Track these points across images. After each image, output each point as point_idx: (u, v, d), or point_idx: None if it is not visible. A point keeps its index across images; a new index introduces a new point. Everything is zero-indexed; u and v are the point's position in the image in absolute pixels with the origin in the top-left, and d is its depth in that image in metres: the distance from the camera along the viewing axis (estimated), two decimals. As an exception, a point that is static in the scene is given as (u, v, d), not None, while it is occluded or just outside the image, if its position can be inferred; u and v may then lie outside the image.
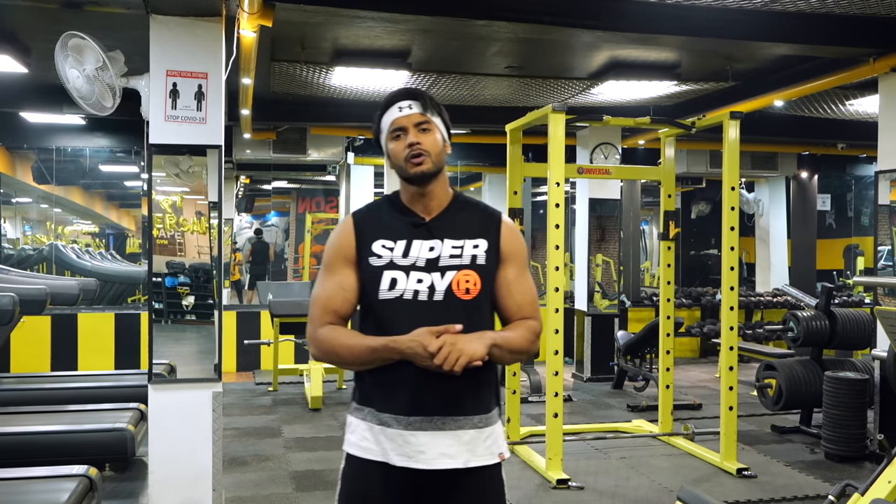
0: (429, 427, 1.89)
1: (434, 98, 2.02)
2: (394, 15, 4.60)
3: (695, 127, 5.52)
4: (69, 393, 5.51)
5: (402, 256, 1.93)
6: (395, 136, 1.97)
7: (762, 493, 4.70)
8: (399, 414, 1.90)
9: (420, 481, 1.90)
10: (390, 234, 1.96)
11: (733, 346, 5.11)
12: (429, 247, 1.94)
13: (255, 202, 15.93)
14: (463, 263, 1.93)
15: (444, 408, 1.89)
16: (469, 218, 2.01)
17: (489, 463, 1.95)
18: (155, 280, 4.22)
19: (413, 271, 1.92)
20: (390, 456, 1.90)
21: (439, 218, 1.99)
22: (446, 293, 1.91)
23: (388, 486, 1.92)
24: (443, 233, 1.96)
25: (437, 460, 1.88)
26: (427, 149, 1.95)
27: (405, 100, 1.97)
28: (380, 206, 2.06)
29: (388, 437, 1.90)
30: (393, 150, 1.97)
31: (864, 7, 4.83)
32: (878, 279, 5.97)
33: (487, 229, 2.00)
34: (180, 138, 3.99)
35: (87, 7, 4.38)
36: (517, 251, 2.03)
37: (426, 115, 1.97)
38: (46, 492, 3.18)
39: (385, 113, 1.99)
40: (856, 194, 13.83)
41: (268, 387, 7.92)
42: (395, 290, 1.91)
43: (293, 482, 4.90)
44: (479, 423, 1.94)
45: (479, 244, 1.97)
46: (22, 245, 13.28)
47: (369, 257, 1.95)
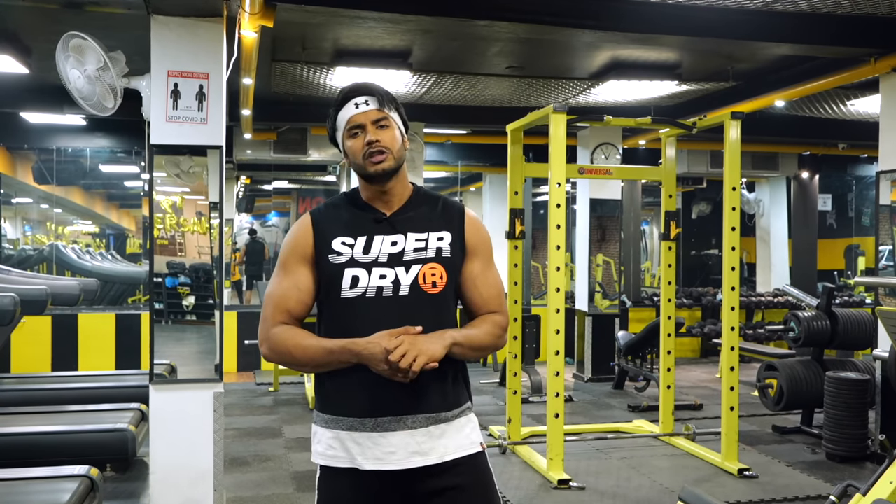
0: (397, 427, 1.84)
1: (389, 92, 1.96)
2: (395, 15, 4.60)
3: (696, 127, 5.52)
4: (70, 393, 5.51)
5: (363, 253, 1.88)
6: (353, 133, 1.91)
7: (763, 493, 4.69)
8: (365, 416, 1.84)
9: (395, 483, 1.85)
10: (350, 231, 1.91)
11: (734, 346, 5.11)
12: (391, 241, 1.90)
13: (255, 202, 15.91)
14: (428, 257, 1.89)
15: (411, 406, 1.84)
16: (431, 210, 1.97)
17: (469, 453, 1.90)
18: (156, 280, 4.22)
19: (375, 267, 1.87)
20: (359, 461, 1.84)
21: (401, 212, 1.94)
22: (412, 287, 1.86)
23: (362, 492, 1.86)
24: (405, 226, 1.92)
25: (408, 459, 1.83)
26: (387, 145, 1.89)
27: (361, 95, 1.91)
28: (339, 202, 2.00)
29: (356, 442, 1.85)
30: (351, 147, 1.92)
31: (866, 7, 4.82)
32: (879, 279, 5.97)
33: (451, 221, 1.96)
34: (181, 138, 3.99)
35: (89, 7, 4.38)
36: (482, 244, 1.99)
37: (384, 111, 1.91)
38: (48, 492, 3.18)
39: (341, 109, 1.93)
40: (857, 194, 13.82)
41: (268, 387, 7.92)
42: (358, 288, 1.86)
43: (294, 482, 4.90)
44: (451, 417, 1.89)
45: (444, 236, 1.92)
46: (22, 245, 13.27)
47: (329, 255, 1.89)
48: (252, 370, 8.79)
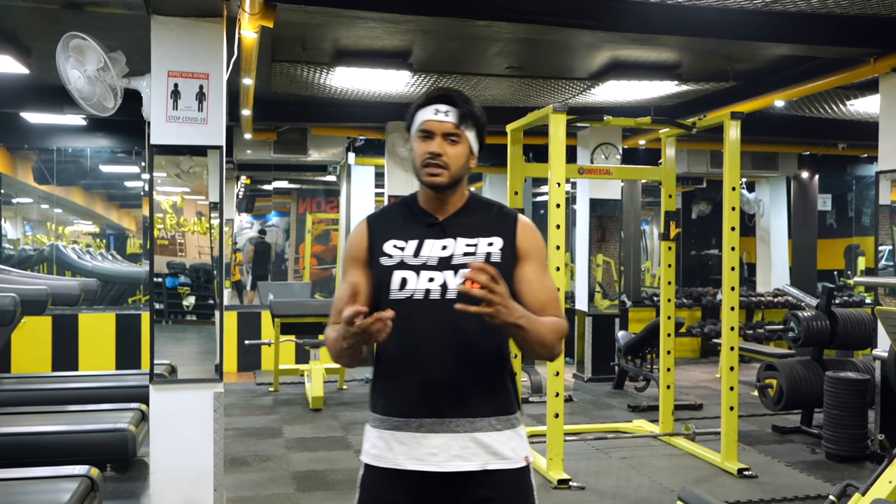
0: (440, 429, 1.84)
1: (474, 109, 1.95)
2: (394, 15, 4.60)
3: (695, 127, 5.52)
4: (70, 393, 5.52)
5: (413, 256, 1.90)
6: (423, 136, 1.93)
7: (763, 493, 4.70)
8: (409, 417, 1.86)
9: (435, 486, 1.85)
10: (402, 234, 1.94)
11: (734, 346, 5.11)
12: (441, 245, 1.91)
13: (255, 202, 15.93)
14: (477, 261, 1.89)
15: (456, 408, 1.85)
16: (484, 217, 1.97)
17: (512, 467, 1.89)
18: (156, 280, 4.22)
19: (424, 270, 1.88)
20: (401, 461, 1.86)
21: (454, 217, 1.95)
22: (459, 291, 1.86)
23: (403, 492, 1.87)
24: (456, 231, 1.93)
25: (450, 462, 1.83)
26: (447, 161, 1.90)
27: (443, 104, 1.92)
28: (395, 207, 2.04)
29: (400, 441, 1.87)
30: (416, 148, 1.94)
31: (865, 7, 4.83)
32: (879, 279, 5.97)
33: (503, 227, 1.95)
34: (181, 139, 3.99)
35: (89, 8, 4.38)
36: (535, 249, 1.97)
37: (459, 128, 1.91)
38: (48, 492, 3.18)
39: (422, 109, 1.94)
40: (856, 194, 13.82)
41: (269, 387, 7.93)
42: (406, 290, 1.88)
43: (294, 482, 4.90)
44: (498, 426, 1.88)
45: (494, 242, 1.92)
46: (23, 245, 13.28)
47: (380, 257, 1.92)
48: (252, 370, 8.79)
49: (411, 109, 1.98)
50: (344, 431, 6.21)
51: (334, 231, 14.56)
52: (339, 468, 5.19)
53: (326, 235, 15.59)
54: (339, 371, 7.95)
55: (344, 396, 7.65)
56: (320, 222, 15.80)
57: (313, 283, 13.66)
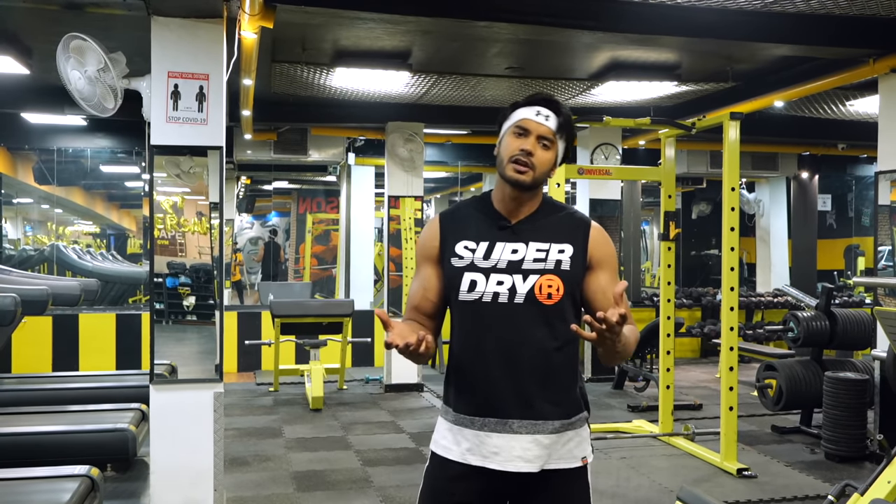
0: (502, 429, 1.88)
1: (571, 120, 1.98)
2: (394, 16, 4.61)
3: (695, 128, 5.52)
4: (71, 393, 5.52)
5: (483, 258, 1.92)
6: (517, 133, 1.94)
7: (762, 493, 4.70)
8: (474, 415, 1.91)
9: (499, 482, 1.90)
10: (474, 236, 1.95)
11: (733, 346, 5.12)
12: (512, 249, 1.92)
13: (255, 203, 15.92)
14: (547, 268, 1.90)
15: (518, 410, 1.88)
16: (557, 222, 1.98)
17: (569, 467, 1.92)
18: (156, 280, 4.23)
19: (494, 273, 1.90)
20: (467, 456, 1.91)
21: (526, 221, 1.96)
22: (528, 297, 1.88)
23: (467, 486, 1.92)
24: (528, 236, 1.94)
25: (511, 462, 1.88)
26: (536, 163, 1.91)
27: (548, 109, 1.93)
28: (468, 206, 2.05)
29: (465, 438, 1.92)
30: (507, 143, 1.95)
31: (864, 8, 4.83)
32: (878, 280, 5.98)
33: (574, 234, 1.96)
34: (181, 139, 4.00)
35: (89, 9, 4.39)
36: (608, 257, 1.99)
37: (554, 136, 1.93)
38: (48, 492, 3.19)
39: (522, 107, 1.95)
40: (856, 194, 13.82)
41: (269, 387, 7.93)
42: (475, 293, 1.90)
43: (294, 482, 4.91)
44: (561, 428, 1.91)
45: (566, 249, 1.93)
46: (23, 246, 13.28)
47: (451, 258, 1.95)
48: (252, 370, 8.80)
49: (508, 107, 2.00)
50: (344, 431, 6.22)
51: (334, 231, 14.55)
52: (339, 468, 5.20)
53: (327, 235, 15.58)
54: (339, 371, 7.96)
55: (344, 396, 7.65)
56: (320, 222, 15.79)
57: (313, 284, 13.67)
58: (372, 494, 4.68)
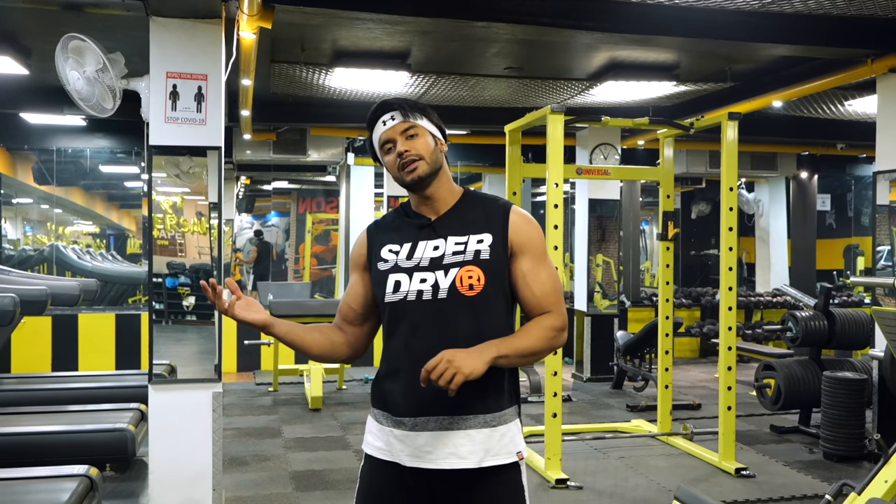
0: (435, 427, 1.88)
1: (415, 101, 2.00)
2: (393, 17, 4.61)
3: (693, 128, 5.52)
4: (70, 393, 5.52)
5: (406, 259, 1.94)
6: (387, 150, 1.97)
7: (760, 492, 4.71)
8: (405, 415, 1.91)
9: (433, 482, 1.90)
10: (397, 239, 1.98)
11: (732, 346, 5.12)
12: (434, 246, 1.93)
13: (255, 203, 15.94)
14: (466, 259, 1.91)
15: (450, 407, 1.87)
16: (476, 213, 1.98)
17: (505, 462, 1.92)
18: (155, 280, 4.24)
19: (417, 272, 1.92)
20: (400, 456, 1.91)
21: (445, 216, 1.98)
22: (450, 290, 1.89)
23: (401, 486, 1.92)
24: (447, 231, 1.95)
25: (445, 460, 1.88)
26: (418, 153, 1.94)
27: (385, 113, 1.97)
28: (393, 213, 2.09)
29: (398, 438, 1.92)
30: (388, 162, 1.98)
31: (862, 8, 4.84)
32: (876, 279, 5.99)
33: (492, 222, 1.96)
34: (180, 139, 4.00)
35: (88, 9, 4.40)
36: (530, 241, 1.96)
37: (409, 121, 1.95)
38: (47, 492, 3.19)
39: (372, 131, 1.99)
40: (855, 194, 13.83)
41: (268, 387, 7.94)
42: (400, 293, 1.92)
43: (293, 482, 4.91)
44: (492, 422, 1.91)
45: (484, 238, 1.93)
46: (23, 246, 13.29)
47: (377, 263, 1.98)
48: (251, 370, 8.81)
49: (367, 140, 2.05)
50: (343, 431, 6.22)
51: (334, 231, 14.56)
52: (338, 468, 5.20)
53: (326, 235, 15.60)
54: (339, 371, 7.96)
55: (343, 396, 7.66)
56: (320, 222, 15.81)
57: (313, 284, 13.68)
58: (371, 494, 4.67)
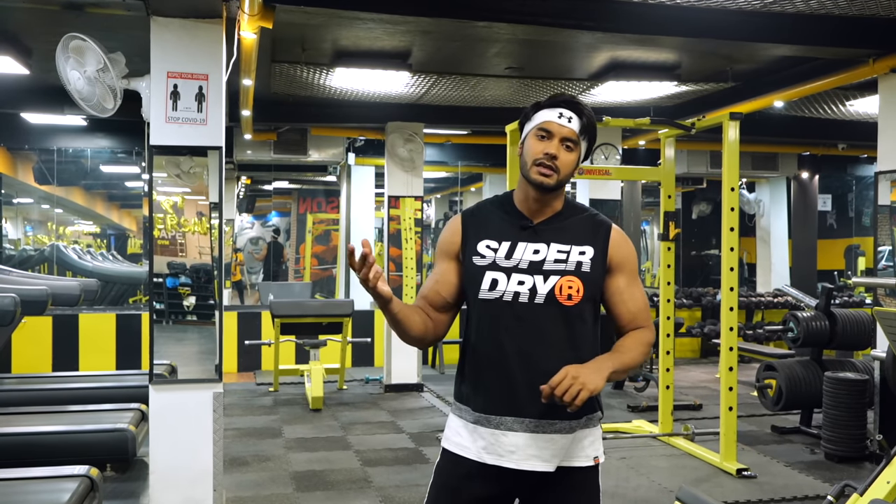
0: (520, 428, 1.89)
1: (594, 122, 1.99)
2: (394, 16, 4.61)
3: (694, 128, 5.52)
4: (70, 393, 5.53)
5: (505, 258, 1.94)
6: (540, 135, 1.95)
7: (762, 493, 4.70)
8: (491, 414, 1.91)
9: (511, 481, 1.92)
10: (496, 235, 1.97)
11: (733, 346, 5.12)
12: (534, 249, 1.94)
13: (256, 203, 15.93)
14: (567, 269, 1.92)
15: (536, 410, 1.89)
16: (578, 224, 2.00)
17: (581, 465, 1.94)
18: (156, 281, 4.23)
19: (515, 273, 1.92)
20: (482, 454, 1.92)
21: (548, 222, 1.98)
22: (548, 297, 1.90)
23: (479, 483, 1.93)
24: (550, 237, 1.96)
25: (527, 461, 1.89)
26: (560, 166, 1.94)
27: (570, 110, 1.95)
28: (490, 205, 2.07)
29: (481, 436, 1.93)
30: (530, 146, 1.96)
31: (864, 8, 4.83)
32: (877, 280, 5.98)
33: (595, 237, 1.98)
34: (181, 139, 4.00)
35: (89, 9, 4.39)
36: (627, 259, 2.01)
37: (578, 137, 1.95)
38: (48, 492, 3.19)
39: (543, 109, 1.97)
40: (857, 194, 13.81)
41: (268, 387, 7.93)
42: (496, 291, 1.92)
43: (294, 482, 4.91)
44: (577, 427, 1.93)
45: (586, 251, 1.95)
46: (23, 246, 13.28)
47: (473, 256, 1.97)
48: (252, 370, 8.80)
49: (530, 108, 2.00)
50: (344, 432, 6.22)
51: (335, 231, 14.55)
52: (339, 468, 5.20)
53: (327, 235, 15.58)
54: (339, 371, 7.96)
55: (344, 397, 7.65)
56: (321, 222, 15.79)
57: (313, 284, 13.67)
58: (371, 494, 4.68)
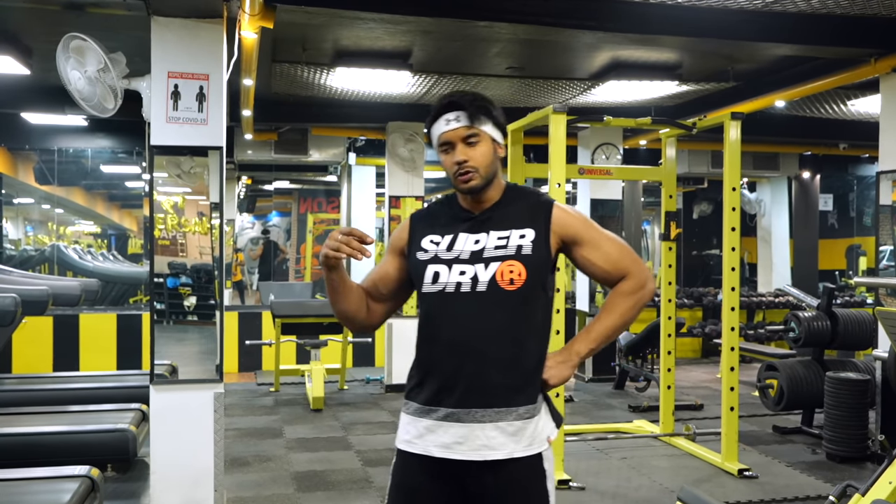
0: (467, 419, 1.89)
1: (483, 102, 1.96)
2: (395, 16, 4.61)
3: (696, 128, 5.52)
4: (71, 393, 5.52)
5: (446, 250, 1.95)
6: (444, 150, 1.96)
7: (763, 493, 4.70)
8: (438, 406, 1.91)
9: (462, 472, 1.91)
10: (440, 230, 2.00)
11: (734, 346, 5.11)
12: (475, 240, 1.95)
13: (256, 202, 15.94)
14: (508, 254, 1.91)
15: (482, 399, 1.89)
16: (519, 208, 1.99)
17: (533, 453, 1.93)
18: (157, 281, 4.23)
19: (456, 264, 1.93)
20: (430, 448, 1.92)
21: (489, 211, 1.99)
22: (490, 284, 1.89)
23: (432, 478, 1.93)
24: (490, 225, 1.96)
25: (477, 451, 1.89)
26: (475, 165, 1.93)
27: (451, 111, 1.94)
28: (438, 205, 2.10)
29: (429, 429, 1.92)
30: (443, 161, 1.98)
31: (866, 7, 4.82)
32: (879, 280, 5.97)
33: (536, 218, 1.96)
34: (182, 139, 4.00)
35: (89, 9, 4.39)
36: (577, 229, 1.98)
37: (473, 127, 1.93)
38: (49, 492, 3.18)
39: (434, 124, 1.97)
40: (858, 194, 13.81)
41: (269, 387, 7.93)
42: (438, 284, 1.93)
43: (295, 483, 4.90)
44: (525, 414, 1.91)
45: (527, 234, 1.94)
46: (24, 246, 13.29)
47: (417, 252, 1.99)
48: (253, 370, 8.80)
49: (427, 124, 2.02)
50: (344, 432, 6.21)
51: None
52: (340, 468, 5.19)
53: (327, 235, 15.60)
54: (340, 371, 7.95)
55: (345, 397, 7.65)
56: (321, 222, 15.80)
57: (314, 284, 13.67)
58: (372, 495, 4.67)
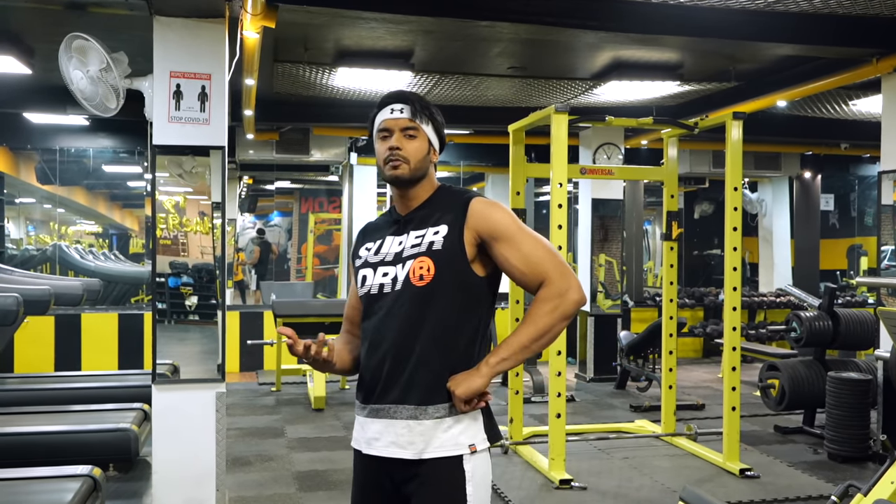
0: (382, 415, 1.93)
1: (429, 105, 2.02)
2: (396, 16, 4.61)
3: (697, 127, 5.51)
4: (73, 393, 5.53)
5: (374, 254, 2.01)
6: (382, 136, 2.00)
7: (765, 493, 4.69)
8: (362, 402, 1.98)
9: (387, 468, 1.94)
10: (373, 236, 2.06)
11: (736, 346, 5.11)
12: (398, 241, 1.98)
13: (258, 202, 15.96)
14: (420, 251, 1.93)
15: (396, 395, 1.91)
16: (440, 207, 1.98)
17: (447, 455, 1.89)
18: (158, 280, 4.23)
19: (381, 266, 1.98)
20: (361, 444, 1.99)
21: (414, 212, 2.01)
22: (404, 282, 1.93)
23: (369, 475, 1.99)
24: (412, 226, 1.99)
25: (387, 448, 1.92)
26: (407, 155, 1.96)
27: (397, 103, 1.99)
28: (381, 216, 2.16)
29: (361, 426, 1.99)
30: (377, 149, 2.02)
31: (867, 7, 4.82)
32: (881, 279, 5.96)
33: (453, 213, 1.95)
34: (183, 139, 4.00)
35: (91, 9, 4.40)
36: (496, 225, 1.92)
37: (414, 122, 1.97)
38: (50, 492, 3.19)
39: (378, 112, 2.02)
40: (859, 194, 13.81)
41: (271, 387, 7.93)
42: (366, 286, 1.99)
43: (296, 482, 4.91)
44: (437, 414, 1.89)
45: (440, 230, 1.93)
46: (25, 245, 13.30)
47: (355, 260, 2.07)
48: (254, 370, 8.80)
49: (370, 118, 2.06)
50: (346, 431, 6.22)
51: (337, 231, 14.56)
52: (341, 468, 5.19)
53: (329, 235, 15.59)
54: (342, 371, 7.95)
55: (346, 396, 7.65)
56: (323, 222, 15.81)
57: (315, 283, 13.69)
58: (374, 494, 4.67)
